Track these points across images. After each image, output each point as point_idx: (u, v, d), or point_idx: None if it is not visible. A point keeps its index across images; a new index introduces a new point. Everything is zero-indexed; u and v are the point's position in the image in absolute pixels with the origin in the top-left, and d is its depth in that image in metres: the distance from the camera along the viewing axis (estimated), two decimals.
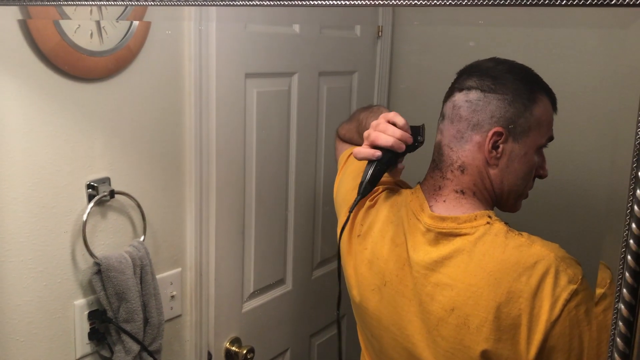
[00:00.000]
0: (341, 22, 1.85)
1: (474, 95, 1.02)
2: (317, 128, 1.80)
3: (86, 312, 1.25)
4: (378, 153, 1.07)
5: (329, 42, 1.80)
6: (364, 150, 1.09)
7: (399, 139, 1.07)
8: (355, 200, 1.11)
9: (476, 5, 0.60)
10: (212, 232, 1.50)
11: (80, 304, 1.24)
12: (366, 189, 1.10)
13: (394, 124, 1.08)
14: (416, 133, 1.09)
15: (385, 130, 1.08)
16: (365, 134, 1.11)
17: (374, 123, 1.11)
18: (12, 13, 1.05)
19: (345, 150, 1.32)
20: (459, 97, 1.03)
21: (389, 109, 2.07)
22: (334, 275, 1.76)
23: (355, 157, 1.11)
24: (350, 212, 1.13)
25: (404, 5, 0.66)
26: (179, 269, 1.47)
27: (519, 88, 1.01)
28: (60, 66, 1.13)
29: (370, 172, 1.09)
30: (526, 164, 1.04)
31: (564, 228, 1.73)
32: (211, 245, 1.50)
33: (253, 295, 1.68)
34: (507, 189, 1.04)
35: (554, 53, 1.67)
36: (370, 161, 1.09)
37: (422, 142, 1.10)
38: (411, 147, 1.09)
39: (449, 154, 1.04)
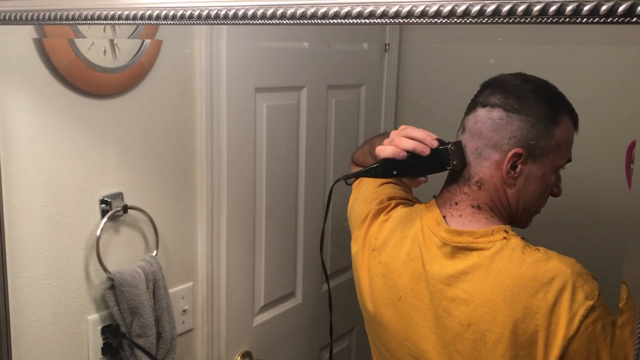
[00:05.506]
0: (348, 38, 1.86)
1: (497, 113, 1.01)
2: (326, 141, 1.80)
3: (99, 327, 1.25)
4: (403, 153, 1.03)
5: (337, 56, 1.80)
6: (390, 147, 1.04)
7: (421, 141, 1.03)
8: (363, 170, 1.09)
9: (483, 23, 0.60)
10: (222, 246, 1.50)
11: (93, 319, 1.24)
12: (372, 172, 1.07)
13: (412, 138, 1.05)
14: (447, 153, 1.03)
15: (408, 134, 1.04)
16: (387, 140, 1.06)
17: (394, 132, 1.07)
18: (28, 32, 1.06)
19: None
20: (482, 113, 1.02)
21: (396, 121, 2.08)
22: (344, 288, 1.75)
23: (379, 156, 1.05)
24: (347, 178, 1.10)
25: (410, 23, 0.66)
26: (191, 283, 1.47)
27: (543, 109, 1.00)
28: (74, 83, 1.14)
29: (388, 166, 1.05)
30: (543, 185, 1.03)
31: (577, 240, 1.73)
32: (222, 259, 1.50)
33: (264, 309, 1.68)
34: (522, 207, 1.04)
35: (563, 70, 1.67)
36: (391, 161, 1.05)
37: (455, 166, 1.03)
38: (438, 165, 1.04)
39: (467, 168, 1.04)
